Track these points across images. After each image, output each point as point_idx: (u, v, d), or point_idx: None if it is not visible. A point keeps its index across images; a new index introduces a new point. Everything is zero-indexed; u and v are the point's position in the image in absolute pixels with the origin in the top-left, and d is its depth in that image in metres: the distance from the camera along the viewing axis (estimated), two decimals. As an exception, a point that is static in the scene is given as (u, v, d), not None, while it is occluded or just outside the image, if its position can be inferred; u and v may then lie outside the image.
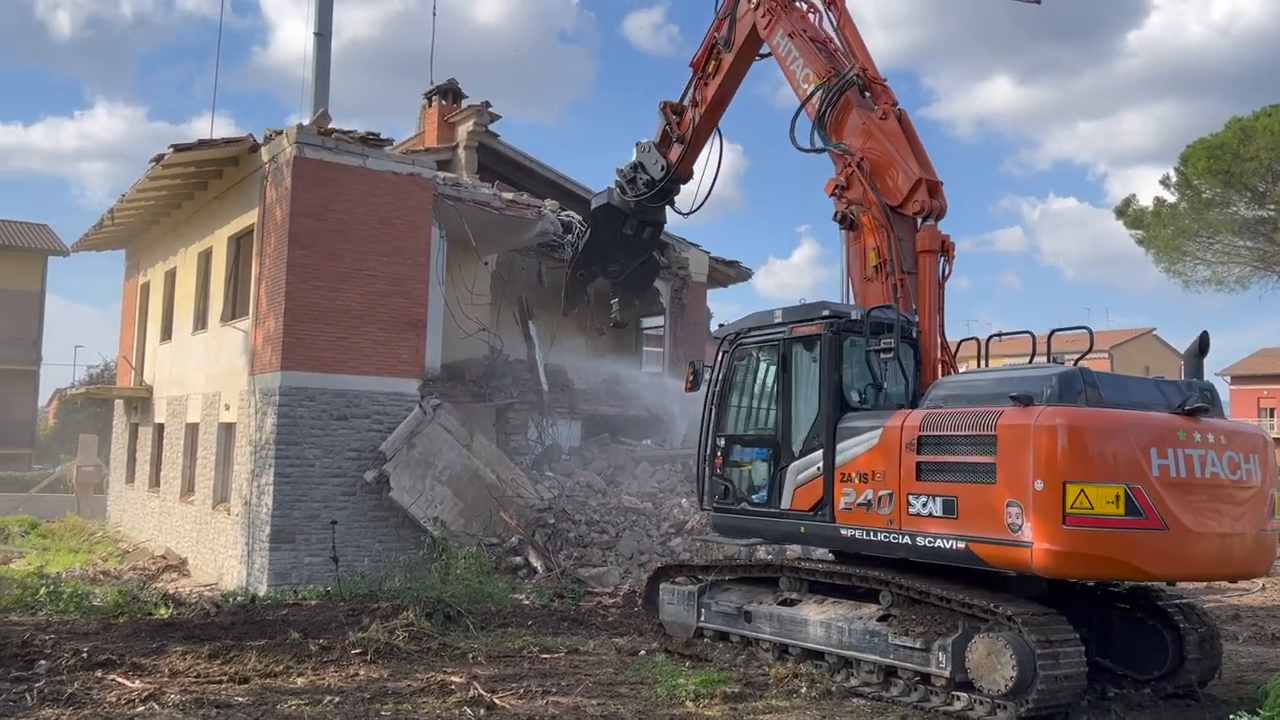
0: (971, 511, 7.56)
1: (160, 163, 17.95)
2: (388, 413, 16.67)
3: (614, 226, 15.02)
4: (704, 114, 13.55)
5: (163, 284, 23.53)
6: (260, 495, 16.10)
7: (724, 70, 13.17)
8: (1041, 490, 7.13)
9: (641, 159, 14.40)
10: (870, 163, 10.07)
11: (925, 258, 9.67)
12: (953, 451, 7.77)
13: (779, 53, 11.70)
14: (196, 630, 10.59)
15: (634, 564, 16.11)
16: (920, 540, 7.89)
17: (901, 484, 8.06)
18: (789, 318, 9.45)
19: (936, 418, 7.97)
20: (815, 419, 8.97)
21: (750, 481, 9.64)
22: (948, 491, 7.75)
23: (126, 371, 26.57)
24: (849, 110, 10.54)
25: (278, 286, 16.27)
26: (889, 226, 9.76)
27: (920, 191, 9.68)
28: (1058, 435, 7.17)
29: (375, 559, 15.85)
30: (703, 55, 13.47)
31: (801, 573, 9.30)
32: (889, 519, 8.14)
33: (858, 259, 10.06)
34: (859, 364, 9.03)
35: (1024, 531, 7.22)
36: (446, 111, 21.00)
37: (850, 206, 10.07)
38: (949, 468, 7.77)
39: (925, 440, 7.94)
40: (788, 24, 11.64)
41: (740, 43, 12.75)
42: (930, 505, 7.84)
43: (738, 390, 9.97)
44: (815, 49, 11.28)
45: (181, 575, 18.86)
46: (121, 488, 26.05)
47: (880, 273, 9.72)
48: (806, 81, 11.05)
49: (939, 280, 9.68)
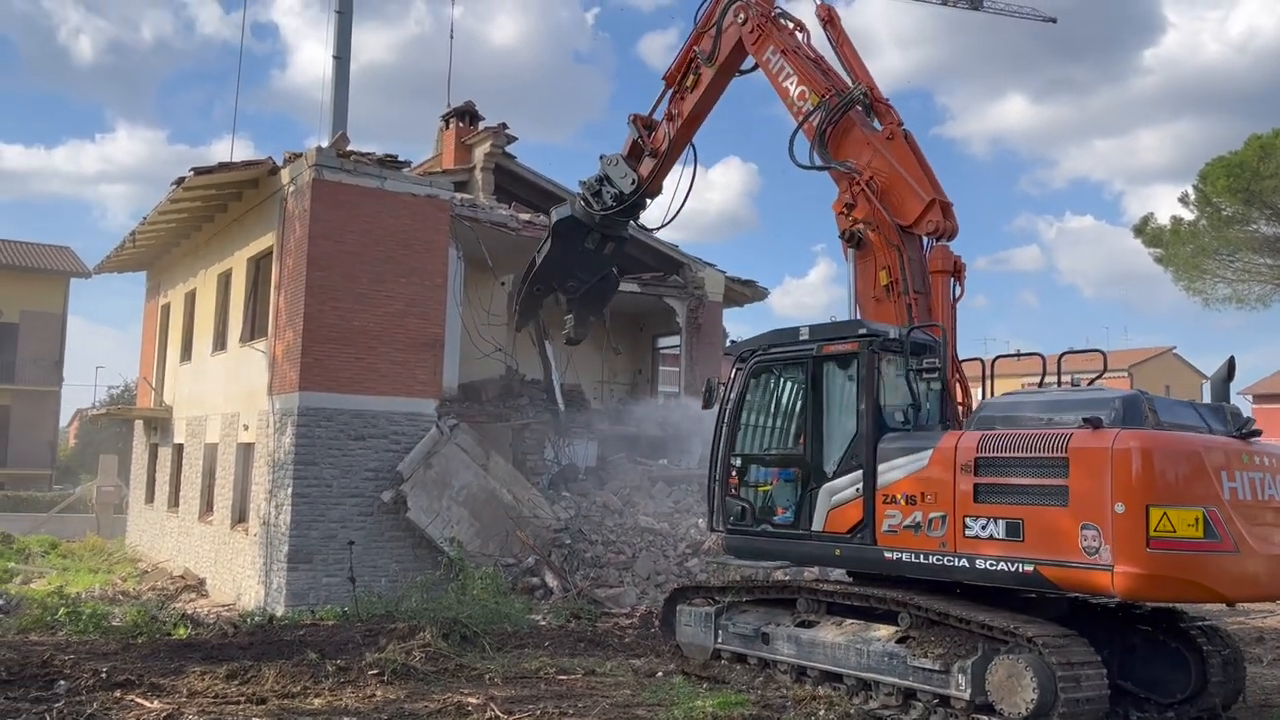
0: (1040, 534, 7.49)
1: (181, 185, 18.15)
2: (405, 433, 16.72)
3: (575, 240, 14.63)
4: (680, 129, 13.20)
5: (183, 305, 23.73)
6: (278, 515, 16.15)
7: (703, 85, 12.82)
8: (1123, 513, 7.08)
9: (608, 172, 13.88)
10: (878, 182, 10.00)
11: (938, 278, 9.64)
12: (1017, 474, 7.71)
13: (769, 69, 11.49)
14: (214, 650, 10.61)
15: (651, 584, 16.06)
16: (979, 563, 7.81)
17: (957, 506, 7.97)
18: (818, 335, 9.32)
19: (995, 439, 7.91)
20: (853, 439, 8.86)
21: (772, 502, 9.48)
22: (1011, 514, 7.67)
23: (146, 392, 26.77)
24: (851, 129, 10.47)
25: (296, 307, 16.38)
26: (901, 246, 9.71)
27: (933, 212, 9.64)
28: (1139, 458, 7.13)
29: (392, 579, 15.86)
30: (678, 69, 13.09)
31: (819, 594, 9.22)
32: (942, 541, 8.04)
33: (866, 278, 9.98)
34: (896, 384, 8.96)
35: (1102, 555, 7.16)
36: (463, 133, 21.16)
37: (858, 225, 10.00)
38: (1012, 490, 7.71)
39: (984, 462, 7.87)
40: (779, 40, 11.46)
41: (724, 58, 12.44)
42: (991, 528, 7.76)
43: (756, 408, 9.85)
44: (810, 66, 11.14)
45: (200, 595, 18.91)
46: (141, 508, 26.19)
47: (892, 292, 9.65)
48: (802, 99, 10.91)
49: (951, 300, 9.66)
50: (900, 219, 9.82)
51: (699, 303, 22.00)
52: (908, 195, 9.85)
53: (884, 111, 10.55)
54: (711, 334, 22.17)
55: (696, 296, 21.99)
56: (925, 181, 9.88)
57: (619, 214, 14.13)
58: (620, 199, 13.86)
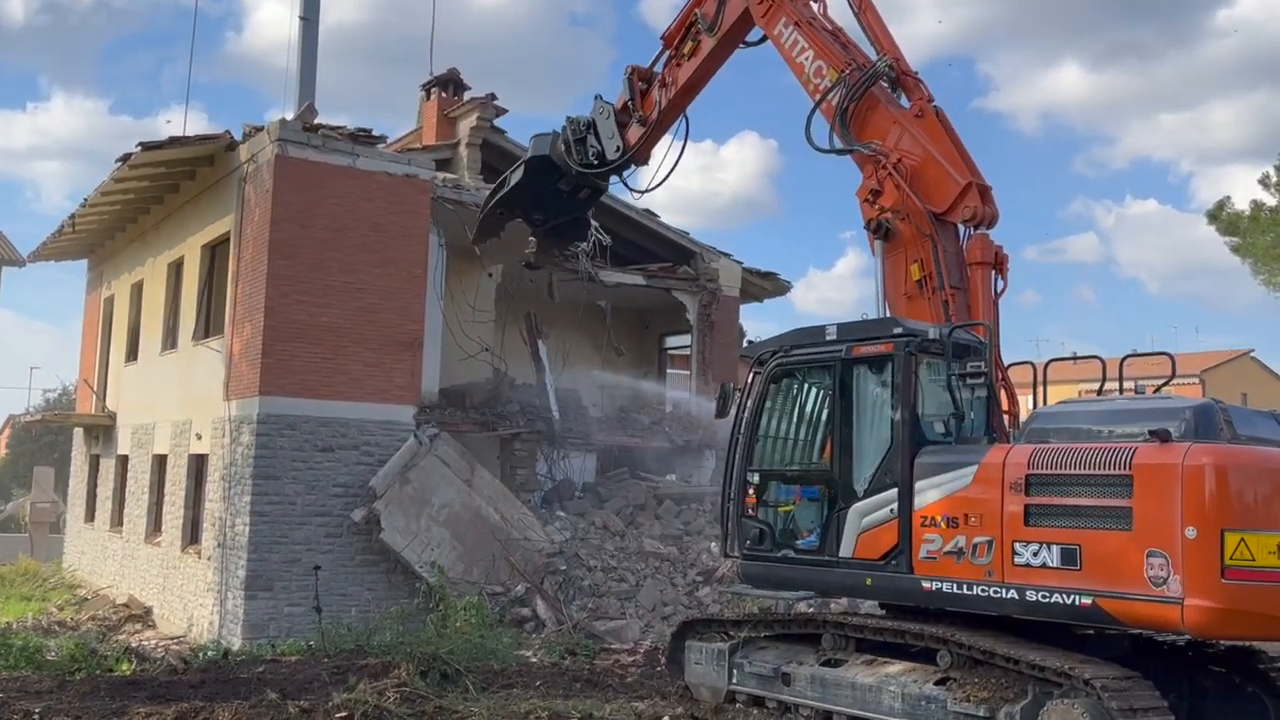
0: (1099, 562, 7.47)
1: (127, 163, 18.19)
2: (379, 444, 16.74)
3: (548, 178, 14.83)
4: (673, 98, 13.20)
5: (128, 298, 23.80)
6: (234, 536, 16.18)
7: (702, 54, 12.79)
8: (1194, 539, 7.04)
9: (597, 121, 13.94)
10: (907, 165, 10.02)
11: (977, 270, 9.60)
12: (1073, 493, 7.69)
13: (781, 44, 11.50)
14: (162, 689, 10.62)
15: (656, 617, 16.07)
16: (1030, 594, 7.78)
17: (1005, 529, 7.94)
18: (847, 335, 9.30)
19: (1048, 454, 7.89)
20: (886, 453, 8.84)
21: (795, 524, 9.46)
22: (1067, 539, 7.64)
23: (87, 396, 26.85)
24: (876, 107, 10.47)
25: (256, 301, 16.41)
26: (935, 235, 9.71)
27: (970, 196, 9.62)
28: (1213, 476, 7.08)
29: (363, 609, 15.87)
30: (677, 29, 13.04)
31: (847, 629, 9.19)
32: (987, 569, 8.01)
33: (895, 273, 9.99)
34: (937, 390, 8.93)
35: (1170, 585, 7.12)
36: (446, 105, 21.18)
37: (885, 214, 10.01)
38: (1068, 511, 7.69)
39: (1036, 480, 7.85)
40: (792, 10, 11.45)
41: (727, 28, 12.41)
42: (1044, 554, 7.73)
43: (776, 418, 9.83)
44: (827, 39, 11.16)
45: (146, 626, 18.96)
46: (80, 527, 26.26)
47: (926, 288, 9.64)
48: (819, 76, 10.92)
49: (993, 296, 9.63)
50: (933, 205, 9.81)
51: (712, 297, 22.00)
52: (941, 178, 9.83)
53: (912, 86, 10.56)
54: (726, 333, 22.19)
55: (709, 290, 21.99)
56: (960, 163, 9.87)
57: (598, 175, 14.15)
58: (602, 159, 13.90)
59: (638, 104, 13.57)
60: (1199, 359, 61.91)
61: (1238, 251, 39.01)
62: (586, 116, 14.09)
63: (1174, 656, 8.60)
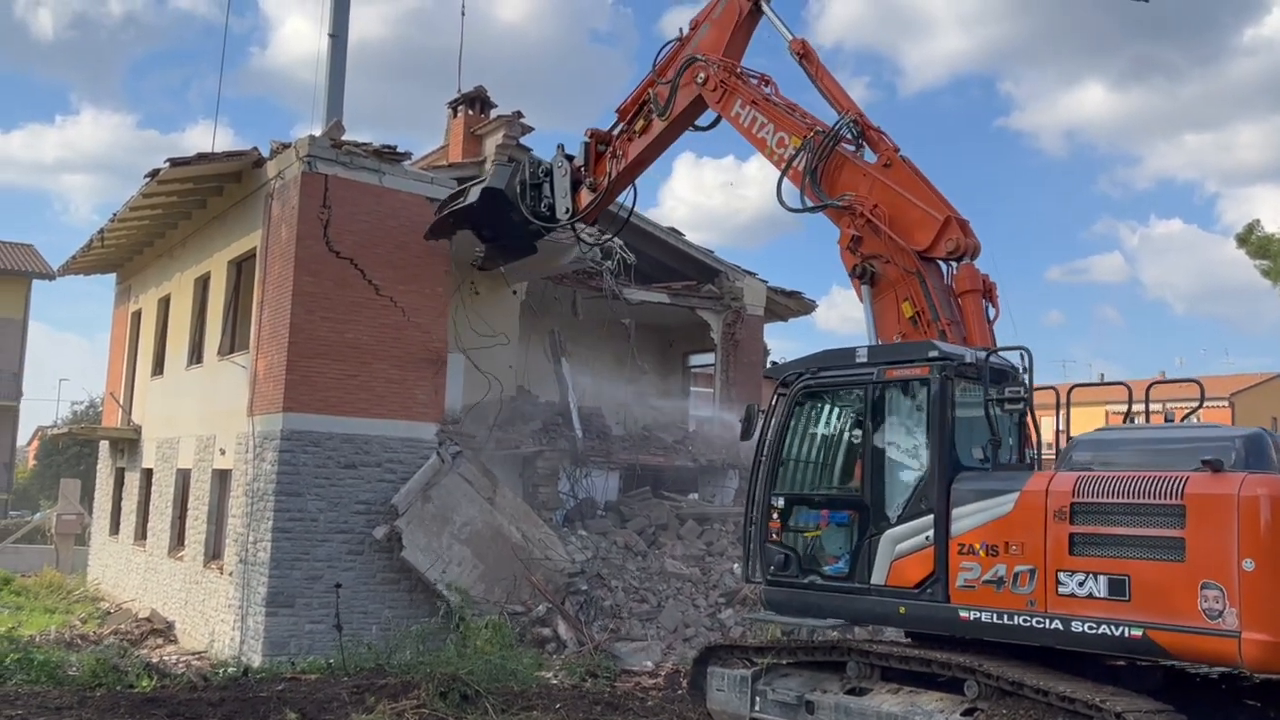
0: (1150, 593, 7.40)
1: (155, 178, 18.30)
2: (401, 461, 16.72)
3: (502, 207, 15.14)
4: (622, 170, 13.85)
5: (155, 313, 23.94)
6: (256, 552, 16.17)
7: (651, 134, 13.45)
8: (1252, 571, 6.98)
9: (554, 174, 14.55)
10: (884, 212, 10.28)
11: (969, 299, 9.86)
12: (1121, 522, 7.63)
13: (740, 124, 12.05)
14: (181, 707, 10.61)
15: (678, 639, 15.97)
16: (1075, 625, 7.71)
17: (1049, 558, 7.88)
18: (880, 358, 9.33)
19: (1094, 482, 7.83)
20: (921, 479, 8.81)
21: (822, 550, 9.43)
22: (1115, 569, 7.59)
23: (113, 409, 26.99)
24: (844, 164, 10.86)
25: (281, 317, 16.44)
26: (921, 270, 9.92)
27: (950, 229, 9.90)
28: (1269, 508, 7.02)
29: (384, 627, 15.81)
30: (632, 104, 13.69)
31: (873, 656, 9.10)
32: (1029, 599, 7.95)
33: (887, 314, 10.20)
34: (972, 416, 8.88)
35: (1227, 619, 7.04)
36: (473, 122, 21.19)
37: (868, 259, 10.28)
38: (1116, 541, 7.64)
39: (1081, 508, 7.80)
40: (747, 91, 12.04)
41: (678, 112, 13.02)
42: (1090, 584, 7.68)
43: (802, 440, 9.81)
44: (784, 111, 11.66)
45: (167, 641, 18.98)
46: (104, 539, 26.37)
47: (920, 323, 9.83)
48: (781, 146, 11.40)
49: (988, 322, 9.85)
50: (915, 245, 10.06)
51: (737, 316, 21.94)
52: (920, 218, 10.11)
53: (876, 139, 10.94)
54: (751, 352, 22.10)
55: (734, 309, 21.93)
56: (936, 200, 10.16)
57: (544, 227, 14.84)
58: (552, 215, 14.57)
59: (591, 169, 14.17)
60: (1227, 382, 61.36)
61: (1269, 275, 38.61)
62: (547, 163, 14.72)
63: (1208, 689, 8.43)
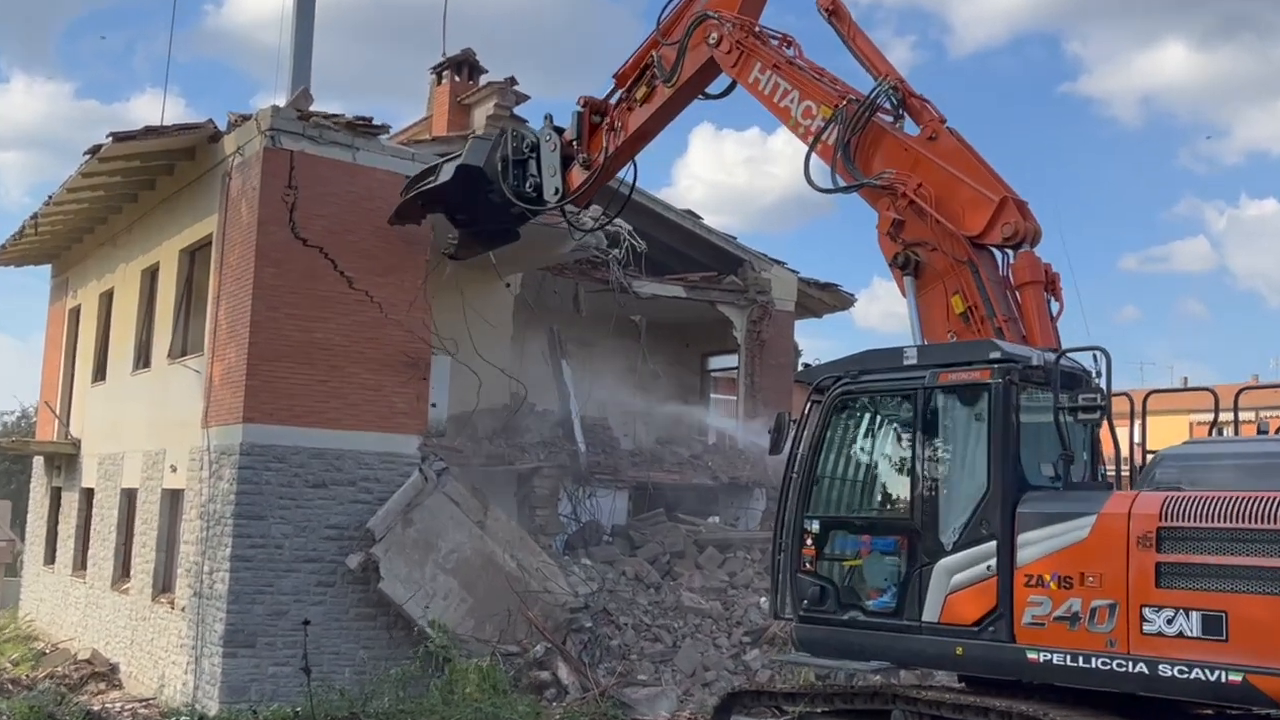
0: (1252, 632, 7.39)
1: (96, 156, 18.33)
2: (379, 479, 16.73)
3: (479, 186, 15.04)
4: (621, 145, 13.72)
5: (97, 309, 24.01)
6: (213, 584, 16.20)
7: (655, 103, 13.36)
8: None
9: (541, 149, 14.42)
10: (929, 191, 10.24)
11: (1029, 291, 9.81)
12: (1218, 550, 7.62)
13: (759, 91, 11.97)
14: (127, 762, 10.60)
15: (696, 683, 15.99)
16: (1163, 668, 7.69)
17: (1131, 592, 7.87)
18: (932, 360, 9.28)
19: (1185, 504, 7.82)
20: (981, 500, 8.77)
21: (864, 582, 9.40)
22: (1210, 604, 7.57)
23: (48, 420, 27.09)
24: (882, 137, 10.81)
25: (241, 315, 16.47)
26: (974, 259, 9.89)
27: (1007, 211, 9.84)
28: None
29: (359, 670, 15.87)
30: (631, 69, 13.58)
31: (922, 705, 9.03)
32: (1108, 638, 7.94)
33: (934, 310, 10.16)
34: (1040, 427, 8.86)
35: None
36: (460, 90, 21.26)
37: (911, 247, 10.25)
38: (1211, 571, 7.63)
39: (1170, 534, 7.79)
40: (768, 55, 11.94)
41: (687, 78, 12.95)
42: (1180, 622, 7.67)
43: (841, 455, 9.76)
44: (811, 76, 11.58)
45: (111, 686, 19.02)
46: (39, 569, 26.46)
47: (973, 319, 9.78)
48: (808, 116, 11.33)
49: (1051, 318, 9.80)
50: (966, 229, 10.01)
51: (763, 312, 21.95)
52: (972, 198, 10.05)
53: (919, 109, 10.91)
54: (779, 353, 22.10)
55: (760, 304, 21.93)
56: (990, 179, 10.11)
57: (530, 209, 14.71)
58: (538, 197, 14.47)
59: (585, 143, 14.00)
60: (1329, 386, 61.06)
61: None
62: (532, 136, 14.56)
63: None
